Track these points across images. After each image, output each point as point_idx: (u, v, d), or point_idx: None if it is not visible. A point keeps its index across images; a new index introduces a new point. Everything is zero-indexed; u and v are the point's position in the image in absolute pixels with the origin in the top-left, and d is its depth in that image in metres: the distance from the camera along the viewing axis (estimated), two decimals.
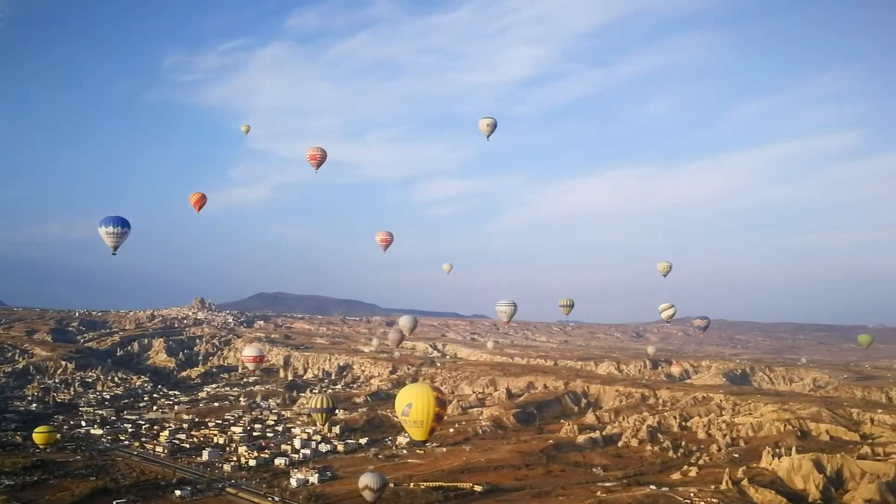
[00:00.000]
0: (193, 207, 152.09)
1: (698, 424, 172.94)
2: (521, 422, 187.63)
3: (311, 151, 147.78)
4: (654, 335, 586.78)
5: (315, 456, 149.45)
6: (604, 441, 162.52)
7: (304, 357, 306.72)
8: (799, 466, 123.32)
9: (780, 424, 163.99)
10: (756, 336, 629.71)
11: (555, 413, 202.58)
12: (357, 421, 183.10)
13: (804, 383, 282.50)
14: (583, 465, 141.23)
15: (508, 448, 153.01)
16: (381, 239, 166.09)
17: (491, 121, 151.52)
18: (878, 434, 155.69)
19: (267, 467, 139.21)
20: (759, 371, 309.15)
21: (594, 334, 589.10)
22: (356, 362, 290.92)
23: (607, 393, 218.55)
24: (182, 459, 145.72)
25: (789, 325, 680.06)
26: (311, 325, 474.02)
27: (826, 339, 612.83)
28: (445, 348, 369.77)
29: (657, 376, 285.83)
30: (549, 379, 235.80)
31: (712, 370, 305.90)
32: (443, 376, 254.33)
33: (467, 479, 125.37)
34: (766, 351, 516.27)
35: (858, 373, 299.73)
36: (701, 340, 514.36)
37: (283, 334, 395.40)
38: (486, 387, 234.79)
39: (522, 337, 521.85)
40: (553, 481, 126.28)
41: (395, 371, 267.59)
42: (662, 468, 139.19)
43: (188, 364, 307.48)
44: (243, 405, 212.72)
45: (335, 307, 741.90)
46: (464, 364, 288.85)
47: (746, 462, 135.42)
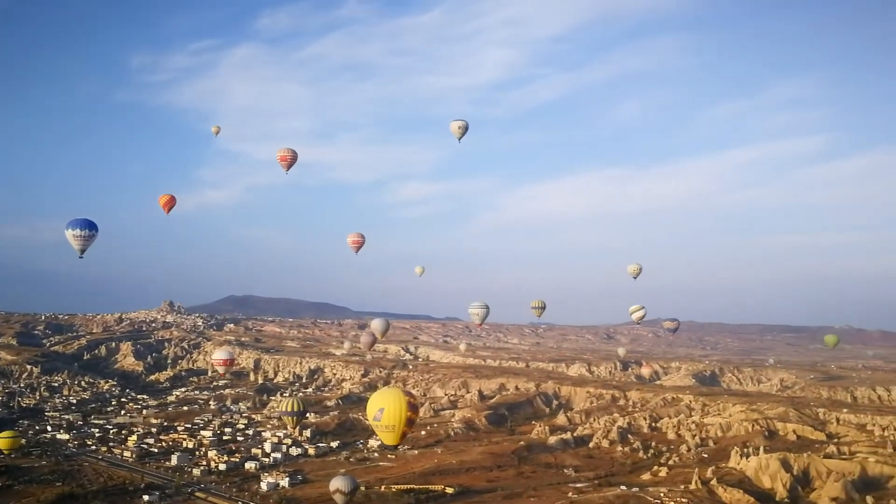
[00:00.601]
0: (163, 209, 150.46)
1: (668, 425, 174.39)
2: (492, 423, 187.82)
3: (282, 153, 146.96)
4: (625, 337, 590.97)
5: (286, 460, 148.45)
6: (575, 442, 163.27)
7: (274, 360, 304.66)
8: (766, 466, 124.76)
9: (748, 425, 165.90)
10: (725, 337, 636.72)
11: (526, 414, 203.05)
12: (328, 424, 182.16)
13: (772, 384, 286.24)
14: (554, 466, 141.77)
15: (480, 450, 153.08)
16: (352, 241, 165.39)
17: (462, 123, 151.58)
18: (844, 433, 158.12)
19: (237, 471, 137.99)
20: (728, 372, 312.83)
21: (565, 336, 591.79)
22: (327, 365, 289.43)
23: (578, 394, 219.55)
24: (150, 464, 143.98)
25: (757, 326, 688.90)
26: (282, 328, 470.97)
27: (793, 340, 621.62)
28: (418, 351, 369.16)
29: (627, 378, 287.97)
30: (520, 381, 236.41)
31: (682, 371, 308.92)
32: (415, 379, 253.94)
33: (439, 481, 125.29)
34: (735, 352, 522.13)
35: (824, 373, 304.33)
36: (671, 342, 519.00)
37: (253, 337, 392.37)
38: (458, 389, 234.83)
39: (495, 339, 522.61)
40: (524, 482, 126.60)
41: (367, 374, 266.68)
42: (633, 469, 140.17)
43: (157, 368, 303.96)
44: (213, 409, 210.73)
45: (306, 310, 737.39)
46: (436, 366, 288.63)
47: (715, 462, 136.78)
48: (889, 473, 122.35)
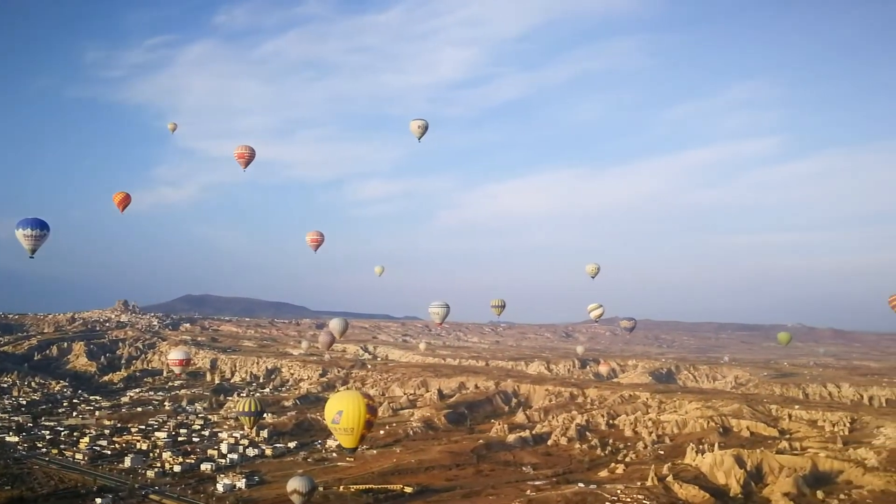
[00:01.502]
0: (117, 207, 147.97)
1: (625, 422, 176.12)
2: (452, 422, 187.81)
3: (240, 150, 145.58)
4: (583, 335, 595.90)
5: (242, 460, 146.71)
6: (533, 440, 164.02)
7: (231, 360, 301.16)
8: (721, 462, 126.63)
9: (703, 421, 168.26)
10: (681, 335, 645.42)
11: (486, 413, 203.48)
12: (286, 424, 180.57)
13: (726, 381, 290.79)
14: (513, 464, 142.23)
15: (439, 448, 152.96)
16: (311, 239, 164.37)
17: (422, 122, 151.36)
18: (796, 429, 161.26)
19: (192, 473, 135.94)
20: (684, 369, 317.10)
21: (525, 334, 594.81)
22: (285, 365, 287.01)
23: (537, 392, 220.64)
24: (103, 466, 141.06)
25: (712, 324, 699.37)
26: (239, 327, 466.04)
27: (747, 337, 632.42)
28: (377, 350, 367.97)
29: (586, 375, 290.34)
30: (480, 379, 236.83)
31: (639, 369, 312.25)
32: (374, 378, 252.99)
33: (398, 480, 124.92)
34: (691, 350, 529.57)
35: (777, 370, 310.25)
36: (628, 340, 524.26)
37: (209, 337, 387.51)
38: (417, 388, 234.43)
39: (454, 338, 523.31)
40: (483, 481, 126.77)
41: (325, 374, 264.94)
42: (590, 466, 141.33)
43: (110, 368, 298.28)
44: (168, 410, 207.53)
45: (264, 309, 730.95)
46: (395, 366, 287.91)
47: (671, 459, 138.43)
48: (839, 468, 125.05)
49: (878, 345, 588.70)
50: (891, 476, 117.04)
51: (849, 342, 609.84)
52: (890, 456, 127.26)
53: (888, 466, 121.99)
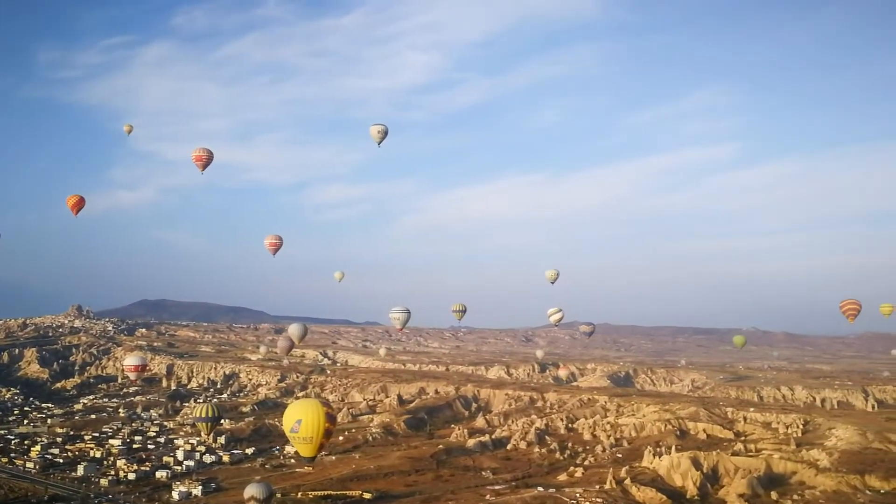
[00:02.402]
0: (71, 211, 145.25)
1: (584, 426, 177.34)
2: (411, 428, 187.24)
3: (197, 152, 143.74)
4: (543, 339, 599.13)
5: (199, 467, 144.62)
6: (493, 444, 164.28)
7: (188, 366, 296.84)
8: (678, 464, 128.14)
9: (660, 424, 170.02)
10: (639, 339, 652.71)
11: (445, 418, 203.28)
12: (243, 430, 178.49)
13: (683, 384, 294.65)
14: (472, 468, 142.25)
15: (399, 454, 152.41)
16: (269, 243, 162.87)
17: (382, 127, 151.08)
18: (751, 431, 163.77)
19: (147, 481, 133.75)
20: (642, 373, 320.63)
21: (485, 339, 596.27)
22: (243, 370, 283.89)
23: (497, 397, 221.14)
24: (55, 475, 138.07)
25: (670, 328, 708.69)
26: (197, 332, 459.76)
27: (704, 341, 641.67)
28: (336, 356, 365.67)
29: (545, 379, 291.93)
30: (440, 384, 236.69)
31: (597, 372, 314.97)
32: (333, 384, 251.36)
33: (357, 486, 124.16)
34: (648, 353, 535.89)
35: (733, 374, 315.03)
36: (587, 344, 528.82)
37: (166, 342, 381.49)
38: (377, 393, 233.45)
39: (415, 343, 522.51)
40: (443, 486, 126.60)
41: (284, 379, 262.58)
42: (550, 470, 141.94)
43: (63, 375, 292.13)
44: (123, 417, 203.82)
45: (222, 314, 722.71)
46: (355, 371, 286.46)
47: (629, 461, 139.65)
48: (792, 469, 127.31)
49: (830, 348, 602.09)
50: (842, 477, 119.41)
51: (802, 346, 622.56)
52: (841, 457, 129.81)
53: (840, 467, 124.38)
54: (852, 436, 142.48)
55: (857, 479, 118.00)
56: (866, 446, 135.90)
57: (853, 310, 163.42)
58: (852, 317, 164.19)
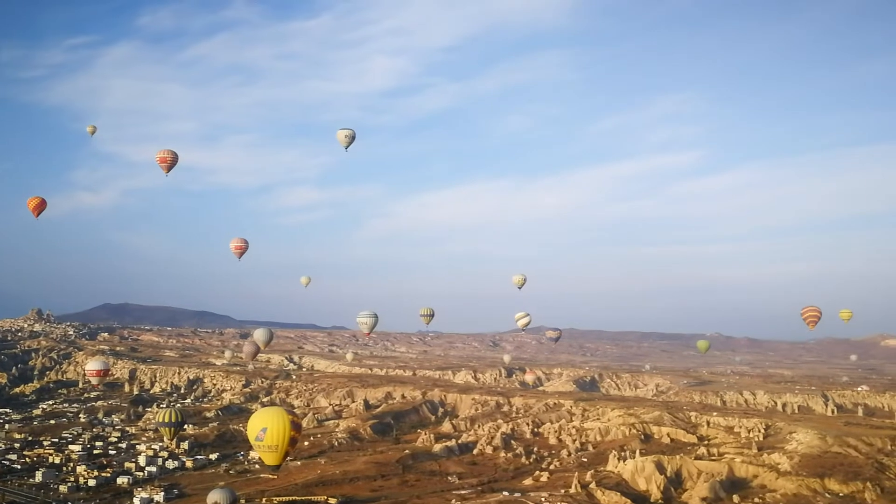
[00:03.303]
0: (32, 213, 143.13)
1: (550, 430, 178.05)
2: (378, 433, 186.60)
3: (161, 154, 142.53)
4: (510, 344, 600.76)
5: (161, 473, 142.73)
6: (459, 449, 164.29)
7: (151, 370, 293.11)
8: (642, 468, 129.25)
9: (625, 429, 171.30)
10: (604, 344, 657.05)
11: (412, 423, 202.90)
12: (207, 436, 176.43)
13: (648, 389, 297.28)
14: (438, 473, 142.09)
15: (364, 459, 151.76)
16: (235, 246, 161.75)
17: (349, 132, 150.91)
18: (714, 436, 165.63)
19: (108, 487, 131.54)
20: (607, 377, 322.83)
21: (453, 344, 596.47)
22: (207, 375, 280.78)
23: (464, 402, 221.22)
24: (12, 481, 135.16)
25: (635, 333, 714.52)
26: (160, 337, 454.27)
27: (668, 346, 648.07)
28: (302, 360, 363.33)
29: (512, 384, 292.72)
30: (407, 389, 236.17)
31: (563, 377, 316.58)
32: (298, 389, 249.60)
33: (322, 492, 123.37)
34: (614, 358, 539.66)
35: (697, 378, 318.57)
36: (553, 349, 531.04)
37: (129, 347, 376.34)
38: (343, 398, 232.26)
39: (382, 348, 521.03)
40: (409, 491, 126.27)
41: (249, 384, 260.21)
42: (515, 474, 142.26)
43: (22, 379, 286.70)
44: (83, 422, 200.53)
45: (186, 319, 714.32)
46: (321, 376, 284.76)
47: (594, 466, 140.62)
48: (754, 473, 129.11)
49: (791, 353, 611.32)
50: (802, 480, 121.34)
51: (764, 351, 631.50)
52: (802, 460, 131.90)
53: (800, 471, 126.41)
54: (812, 440, 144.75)
55: (817, 483, 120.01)
56: (826, 450, 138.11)
57: (814, 317, 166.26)
58: (813, 324, 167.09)
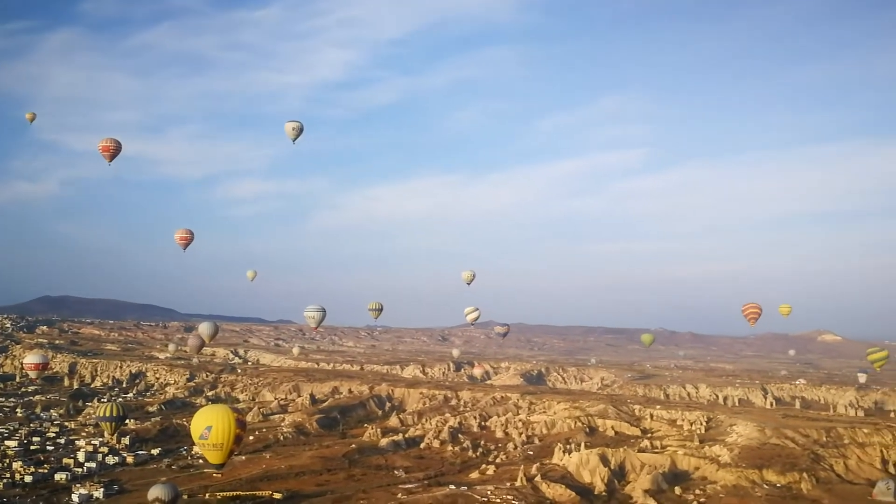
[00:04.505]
0: None
1: (496, 424, 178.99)
2: (324, 427, 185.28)
3: (104, 143, 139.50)
4: (459, 338, 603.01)
5: (101, 469, 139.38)
6: (406, 443, 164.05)
7: (92, 364, 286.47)
8: (587, 461, 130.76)
9: (571, 422, 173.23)
10: (551, 338, 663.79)
11: (359, 417, 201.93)
12: (149, 431, 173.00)
13: (593, 382, 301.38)
14: (385, 467, 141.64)
15: (310, 454, 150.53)
16: (179, 237, 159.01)
17: (297, 125, 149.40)
18: (657, 428, 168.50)
19: (45, 483, 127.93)
20: (554, 371, 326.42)
21: (401, 338, 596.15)
22: (150, 369, 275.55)
23: (411, 396, 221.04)
24: None
25: (581, 328, 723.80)
26: (102, 330, 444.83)
27: (613, 341, 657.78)
28: (248, 354, 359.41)
29: (460, 378, 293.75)
30: (354, 383, 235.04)
31: (511, 371, 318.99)
32: (244, 383, 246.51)
33: (267, 486, 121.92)
34: (561, 352, 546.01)
35: (641, 372, 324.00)
36: (502, 343, 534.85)
37: (68, 340, 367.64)
38: (288, 393, 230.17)
39: (329, 342, 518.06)
40: (354, 485, 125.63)
41: (193, 378, 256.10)
42: (462, 468, 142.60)
43: None
44: (20, 417, 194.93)
45: (129, 312, 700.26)
46: (266, 370, 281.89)
47: (540, 458, 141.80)
48: (695, 465, 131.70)
49: (732, 348, 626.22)
50: (741, 471, 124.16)
51: (706, 345, 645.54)
52: (741, 452, 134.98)
53: (739, 462, 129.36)
54: (752, 432, 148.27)
55: (756, 474, 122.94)
56: (764, 442, 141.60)
57: (754, 313, 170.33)
58: (753, 320, 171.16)
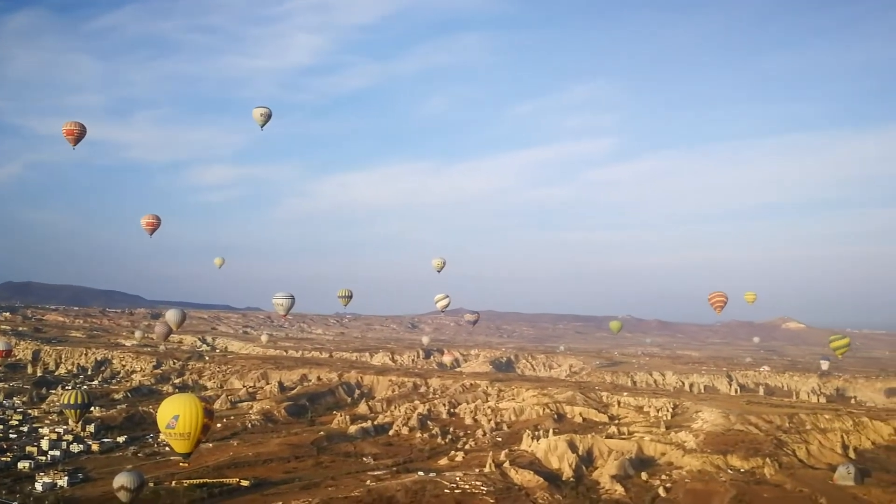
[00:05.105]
0: None
1: (465, 411, 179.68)
2: (292, 415, 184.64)
3: (68, 126, 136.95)
4: (429, 326, 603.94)
5: (65, 457, 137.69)
6: (375, 430, 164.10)
7: (56, 351, 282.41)
8: (555, 447, 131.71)
9: (539, 408, 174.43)
10: (521, 326, 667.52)
11: (328, 405, 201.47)
12: (115, 418, 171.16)
13: (562, 369, 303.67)
14: (353, 454, 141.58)
15: (278, 441, 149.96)
16: (146, 222, 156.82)
17: (265, 110, 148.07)
18: (624, 415, 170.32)
19: (8, 472, 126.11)
20: (523, 358, 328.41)
21: (371, 326, 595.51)
22: (116, 357, 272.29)
23: (381, 383, 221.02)
24: None
25: (550, 315, 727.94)
26: (66, 317, 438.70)
27: (582, 328, 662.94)
28: (216, 342, 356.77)
29: (430, 365, 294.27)
30: (323, 371, 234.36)
31: (480, 358, 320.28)
32: (211, 370, 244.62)
33: (234, 473, 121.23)
34: (530, 340, 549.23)
35: (608, 359, 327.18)
36: (471, 331, 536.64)
37: (32, 327, 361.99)
38: (257, 380, 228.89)
39: (298, 329, 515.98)
40: (323, 472, 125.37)
41: (160, 366, 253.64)
42: (431, 454, 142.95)
43: None
44: None
45: (94, 298, 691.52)
46: (234, 358, 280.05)
47: (509, 445, 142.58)
48: (661, 451, 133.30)
49: (699, 335, 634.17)
50: (707, 457, 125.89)
51: (673, 333, 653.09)
52: (706, 438, 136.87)
53: (704, 448, 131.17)
54: (717, 418, 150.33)
55: (720, 459, 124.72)
56: (729, 428, 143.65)
57: (720, 302, 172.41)
58: (719, 308, 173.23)
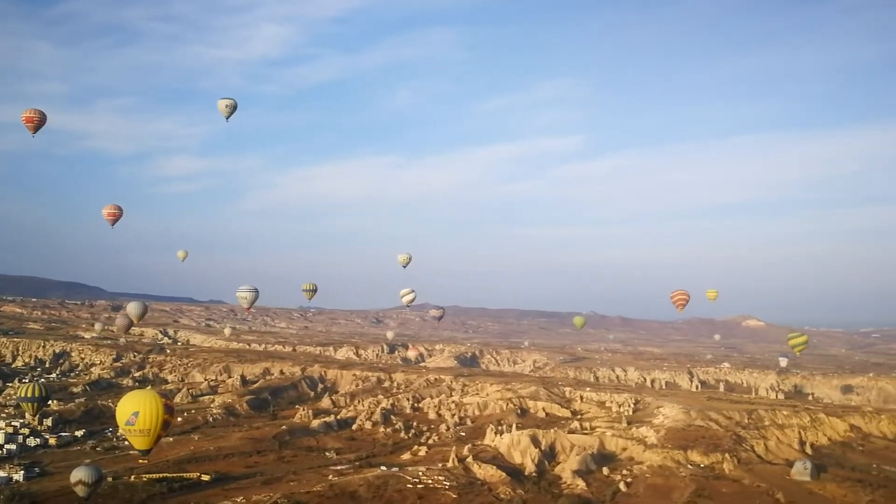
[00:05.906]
0: None
1: (429, 405, 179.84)
2: (254, 409, 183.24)
3: (28, 113, 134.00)
4: (394, 321, 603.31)
5: (22, 451, 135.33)
6: (338, 425, 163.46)
7: (13, 343, 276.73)
8: (518, 442, 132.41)
9: (503, 403, 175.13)
10: (486, 321, 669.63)
11: (290, 399, 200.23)
12: (73, 412, 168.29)
13: (526, 365, 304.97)
14: (316, 449, 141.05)
15: (240, 435, 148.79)
16: (108, 213, 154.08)
17: (231, 102, 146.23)
18: (586, 410, 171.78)
19: None
20: (487, 354, 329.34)
21: (335, 320, 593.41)
22: (75, 349, 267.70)
23: (344, 377, 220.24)
24: None
25: (515, 311, 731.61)
26: (24, 308, 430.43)
27: (546, 324, 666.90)
28: (178, 335, 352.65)
29: (394, 360, 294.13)
30: (286, 365, 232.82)
31: (445, 353, 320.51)
32: (173, 363, 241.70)
33: (194, 468, 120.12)
34: (495, 335, 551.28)
35: (572, 355, 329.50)
36: (437, 326, 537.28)
37: None
38: (219, 374, 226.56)
39: (262, 323, 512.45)
40: (285, 467, 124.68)
41: (120, 359, 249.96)
42: (394, 449, 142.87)
43: None
44: None
45: (53, 289, 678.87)
46: (196, 351, 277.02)
47: (472, 440, 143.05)
48: (623, 446, 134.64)
49: (661, 332, 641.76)
50: (667, 452, 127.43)
51: (635, 329, 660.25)
52: (667, 434, 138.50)
53: (665, 443, 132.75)
54: (677, 414, 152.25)
55: (681, 455, 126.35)
56: (690, 423, 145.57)
57: (682, 300, 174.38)
58: (681, 306, 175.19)
